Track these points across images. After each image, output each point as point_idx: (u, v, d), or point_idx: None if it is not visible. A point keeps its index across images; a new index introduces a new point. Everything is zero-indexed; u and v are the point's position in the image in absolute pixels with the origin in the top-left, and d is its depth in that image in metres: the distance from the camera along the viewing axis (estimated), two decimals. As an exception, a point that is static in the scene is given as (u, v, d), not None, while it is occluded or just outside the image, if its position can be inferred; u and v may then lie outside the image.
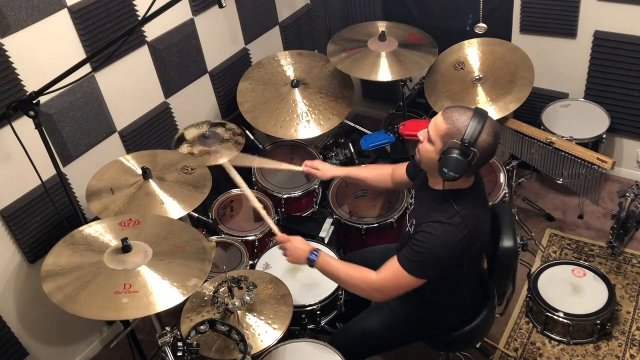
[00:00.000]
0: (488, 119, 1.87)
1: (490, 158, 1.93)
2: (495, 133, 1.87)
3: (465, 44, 3.14)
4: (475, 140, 1.84)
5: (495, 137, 1.88)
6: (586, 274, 2.88)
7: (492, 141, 1.87)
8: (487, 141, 1.85)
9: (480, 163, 1.90)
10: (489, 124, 1.86)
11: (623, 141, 3.49)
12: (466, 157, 1.84)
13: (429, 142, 1.94)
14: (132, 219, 2.06)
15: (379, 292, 1.99)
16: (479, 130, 1.84)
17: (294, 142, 3.21)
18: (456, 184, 1.93)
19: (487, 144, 1.86)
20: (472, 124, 1.84)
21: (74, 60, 2.17)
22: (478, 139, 1.84)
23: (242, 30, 3.38)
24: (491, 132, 1.86)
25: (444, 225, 1.88)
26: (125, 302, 1.73)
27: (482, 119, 1.86)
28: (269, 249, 2.70)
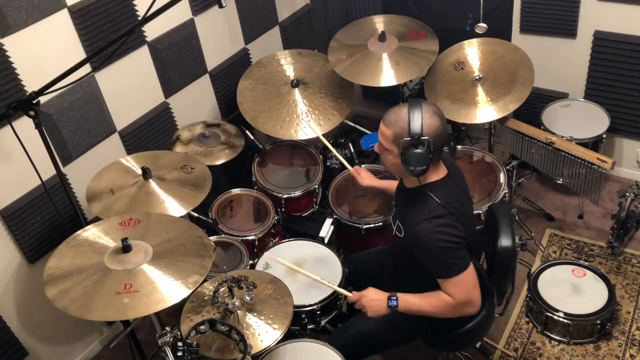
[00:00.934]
0: (423, 105, 1.92)
1: (446, 138, 1.96)
2: (436, 114, 1.93)
3: (465, 44, 3.14)
4: (422, 129, 1.88)
5: (439, 117, 1.92)
6: (586, 274, 2.88)
7: (437, 122, 1.91)
8: (433, 125, 1.90)
9: (439, 147, 1.94)
10: (426, 109, 1.91)
11: (623, 141, 3.49)
12: (423, 148, 1.89)
13: (385, 152, 1.99)
14: (133, 219, 2.07)
15: (467, 304, 1.99)
16: (420, 119, 1.89)
17: (294, 142, 3.21)
18: (429, 177, 1.99)
19: (434, 127, 1.90)
20: (411, 116, 1.90)
21: (74, 60, 2.17)
22: (423, 127, 1.88)
23: (242, 30, 3.38)
24: (432, 114, 1.91)
25: (431, 222, 1.92)
26: (126, 303, 1.73)
27: (418, 107, 1.91)
28: (269, 249, 2.70)
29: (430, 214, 1.92)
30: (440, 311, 2.04)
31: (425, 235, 1.91)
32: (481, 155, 3.04)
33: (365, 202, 3.00)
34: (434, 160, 1.94)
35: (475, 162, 3.05)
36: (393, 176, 2.70)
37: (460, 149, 3.09)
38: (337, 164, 3.33)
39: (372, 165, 3.13)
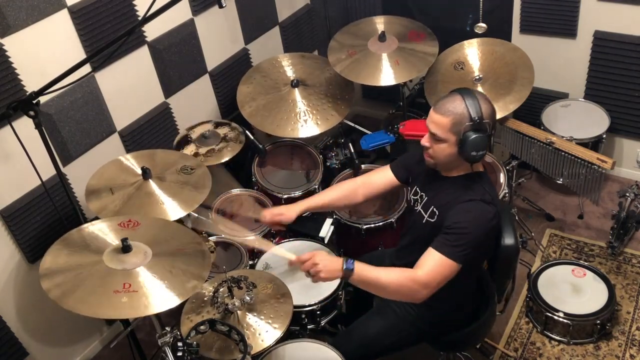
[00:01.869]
0: (475, 92, 1.96)
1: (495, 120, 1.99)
2: (485, 98, 1.96)
3: (465, 44, 3.14)
4: (482, 113, 1.90)
5: (489, 101, 1.97)
6: (586, 274, 2.88)
7: (490, 105, 1.95)
8: (489, 108, 1.94)
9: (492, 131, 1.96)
10: (479, 94, 1.96)
11: (623, 141, 3.49)
12: (485, 132, 1.91)
13: (439, 142, 1.96)
14: (132, 220, 2.06)
15: (426, 287, 1.89)
16: (477, 103, 1.91)
17: (293, 142, 3.21)
18: (475, 166, 2.00)
19: (490, 109, 1.95)
20: (469, 102, 1.91)
21: (74, 60, 2.17)
22: (482, 111, 1.90)
23: (242, 30, 3.38)
24: (484, 99, 1.95)
25: (479, 202, 1.92)
26: (125, 302, 1.73)
27: (471, 94, 1.94)
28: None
29: (482, 197, 1.93)
30: (398, 283, 1.91)
31: (474, 213, 1.90)
32: (481, 155, 3.04)
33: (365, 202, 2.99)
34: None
35: (475, 162, 3.04)
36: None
37: (460, 149, 3.09)
38: (337, 164, 3.34)
39: (372, 166, 3.13)
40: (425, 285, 1.89)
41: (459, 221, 1.90)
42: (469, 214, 1.90)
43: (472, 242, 1.89)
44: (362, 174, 3.05)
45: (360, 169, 3.07)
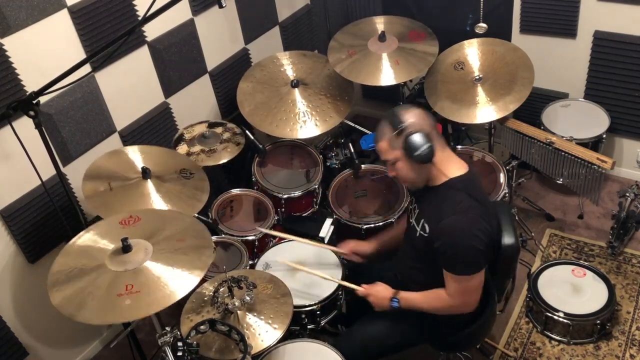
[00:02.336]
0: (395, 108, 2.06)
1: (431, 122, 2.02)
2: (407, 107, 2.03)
3: (465, 44, 3.14)
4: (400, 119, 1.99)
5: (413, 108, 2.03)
6: (586, 274, 2.88)
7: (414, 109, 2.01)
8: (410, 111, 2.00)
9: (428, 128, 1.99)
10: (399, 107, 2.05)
11: (623, 141, 3.49)
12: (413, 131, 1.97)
13: (396, 164, 2.05)
14: (133, 216, 2.06)
15: (464, 305, 2.04)
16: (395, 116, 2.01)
17: (293, 142, 3.21)
18: (450, 171, 2.01)
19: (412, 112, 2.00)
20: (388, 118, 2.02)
21: (74, 60, 2.17)
22: (400, 117, 1.99)
23: (242, 30, 3.38)
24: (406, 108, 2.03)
25: (457, 217, 1.93)
26: (128, 304, 1.73)
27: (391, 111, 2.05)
28: (269, 249, 2.70)
29: (457, 208, 1.94)
30: (437, 309, 2.10)
31: (455, 231, 1.93)
32: (481, 155, 3.04)
33: (365, 202, 3.00)
34: (435, 142, 1.98)
35: (475, 162, 3.05)
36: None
37: (460, 149, 3.09)
38: (337, 164, 3.34)
39: (372, 166, 3.13)
40: (463, 304, 2.04)
41: (445, 243, 1.96)
42: (452, 233, 1.94)
43: (476, 253, 1.93)
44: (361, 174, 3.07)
45: (360, 169, 3.07)
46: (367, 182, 3.09)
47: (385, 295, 2.17)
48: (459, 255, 1.95)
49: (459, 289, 2.00)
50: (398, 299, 2.15)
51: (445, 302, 2.05)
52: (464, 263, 1.96)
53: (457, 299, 2.02)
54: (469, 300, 2.03)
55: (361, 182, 3.09)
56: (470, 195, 1.96)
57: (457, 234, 1.93)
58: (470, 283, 1.98)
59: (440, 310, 2.10)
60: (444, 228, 1.95)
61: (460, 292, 2.01)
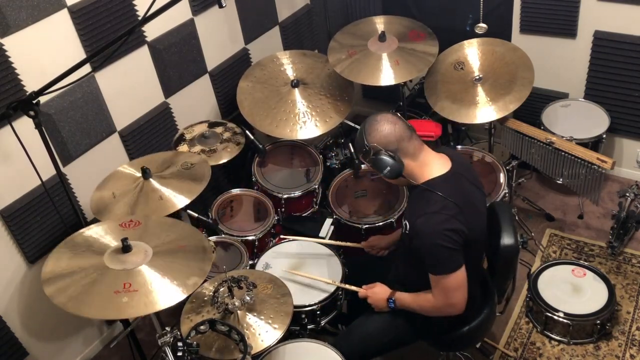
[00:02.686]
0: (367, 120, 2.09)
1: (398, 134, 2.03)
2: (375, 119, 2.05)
3: (465, 44, 3.13)
4: (365, 140, 2.05)
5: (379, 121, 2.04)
6: (586, 274, 2.88)
7: (378, 126, 2.04)
8: (374, 130, 2.04)
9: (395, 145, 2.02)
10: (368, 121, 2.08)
11: (623, 141, 3.49)
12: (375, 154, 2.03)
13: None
14: (133, 220, 2.07)
15: (448, 306, 2.04)
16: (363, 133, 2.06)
17: (293, 143, 3.21)
18: (426, 173, 2.03)
19: (377, 131, 2.03)
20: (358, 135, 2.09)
21: (74, 60, 2.17)
22: (367, 138, 2.04)
23: (242, 30, 3.38)
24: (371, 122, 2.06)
25: (426, 215, 1.95)
26: (125, 302, 1.73)
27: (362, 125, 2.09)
28: (268, 249, 2.70)
29: (429, 209, 1.95)
30: (426, 310, 2.12)
31: (424, 231, 1.95)
32: (481, 155, 3.04)
33: (365, 202, 3.00)
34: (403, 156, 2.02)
35: (475, 162, 3.05)
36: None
37: (460, 149, 3.09)
38: (337, 164, 3.34)
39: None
40: (445, 305, 2.04)
41: (418, 242, 1.99)
42: (421, 234, 1.97)
43: (443, 254, 1.94)
44: (361, 174, 3.08)
45: (360, 169, 3.07)
46: (367, 182, 3.09)
47: (382, 297, 2.21)
48: (430, 254, 1.97)
49: (439, 289, 2.01)
50: (394, 299, 2.18)
51: (430, 303, 2.07)
52: (437, 263, 1.97)
53: (439, 299, 2.03)
54: (452, 300, 2.02)
55: (361, 182, 3.09)
56: (446, 195, 1.96)
57: (427, 233, 1.94)
58: (448, 282, 1.98)
59: (429, 312, 2.12)
60: (415, 227, 1.99)
61: (440, 291, 2.01)
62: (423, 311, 2.13)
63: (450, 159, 2.09)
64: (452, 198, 1.95)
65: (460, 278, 1.98)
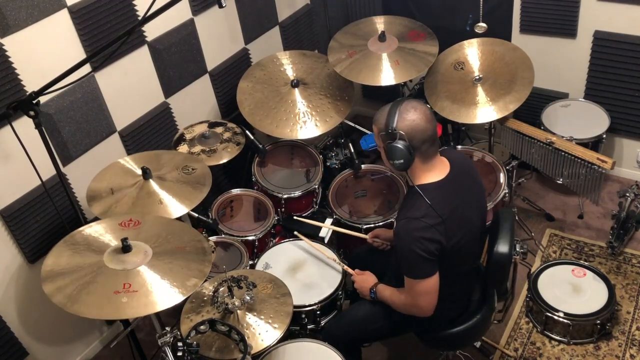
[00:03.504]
0: (405, 102, 1.98)
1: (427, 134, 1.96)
2: (416, 109, 1.95)
3: (465, 44, 3.13)
4: (395, 123, 1.94)
5: (418, 113, 1.95)
6: (586, 274, 2.88)
7: (415, 117, 1.94)
8: (408, 119, 1.94)
9: (418, 142, 1.95)
10: (406, 105, 1.97)
11: (623, 141, 3.49)
12: (398, 141, 1.94)
13: (380, 150, 2.06)
14: (133, 220, 2.06)
15: (414, 307, 2.06)
16: (396, 114, 1.95)
17: (293, 142, 3.21)
18: (422, 177, 2.01)
19: (410, 121, 1.94)
20: (391, 111, 1.97)
21: (74, 60, 2.17)
22: (397, 121, 1.94)
23: (242, 30, 3.38)
24: (410, 110, 1.95)
25: (407, 220, 1.95)
26: (125, 302, 1.73)
27: (398, 103, 1.98)
28: (268, 249, 2.71)
29: (411, 214, 1.95)
30: (397, 307, 2.15)
31: (402, 233, 1.96)
32: (481, 155, 3.05)
33: (365, 202, 3.00)
34: (418, 156, 1.97)
35: (475, 162, 3.05)
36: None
37: (460, 149, 3.09)
38: (337, 164, 3.34)
39: (372, 166, 3.13)
40: (414, 305, 2.06)
41: (397, 244, 2.00)
42: (399, 236, 1.98)
43: (416, 260, 1.94)
44: (361, 174, 3.08)
45: (360, 169, 3.07)
46: (367, 182, 3.09)
47: (367, 285, 2.27)
48: (404, 257, 1.98)
49: (409, 290, 2.03)
50: (375, 290, 2.23)
51: (401, 301, 2.10)
52: (409, 266, 1.99)
53: (407, 300, 2.06)
54: (419, 303, 2.03)
55: (361, 182, 3.09)
56: (432, 203, 1.93)
57: (404, 237, 1.95)
58: (418, 287, 1.99)
59: (399, 308, 2.13)
60: (395, 229, 2.01)
61: (409, 293, 2.04)
62: (394, 305, 2.15)
63: (450, 163, 2.06)
64: (438, 207, 1.93)
65: (429, 285, 1.98)
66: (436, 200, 1.94)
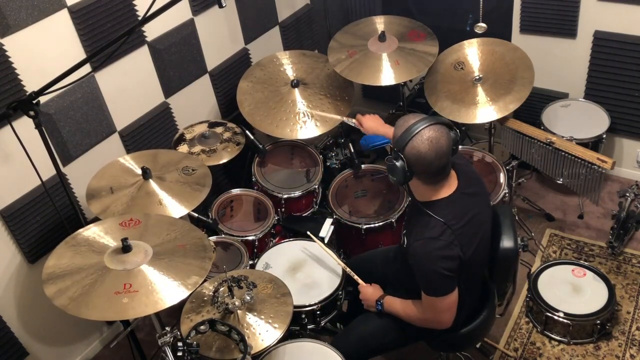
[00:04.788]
0: (425, 127, 1.85)
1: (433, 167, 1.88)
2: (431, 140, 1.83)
3: (465, 44, 3.13)
4: (403, 147, 1.86)
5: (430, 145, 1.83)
6: (586, 274, 2.88)
7: (424, 148, 1.84)
8: (416, 148, 1.84)
9: (421, 171, 1.89)
10: (426, 130, 1.84)
11: (623, 141, 3.49)
12: (399, 162, 1.88)
13: None
14: (133, 219, 2.06)
15: (435, 322, 2.06)
16: (407, 137, 1.85)
17: (293, 142, 3.21)
18: (429, 195, 1.96)
19: (417, 151, 1.84)
20: (406, 130, 1.86)
21: (74, 60, 2.17)
22: (407, 146, 1.85)
23: (242, 30, 3.38)
24: (424, 139, 1.83)
25: (425, 241, 1.92)
26: (126, 302, 1.73)
27: (419, 124, 1.85)
28: (269, 249, 2.70)
29: (428, 234, 1.92)
30: (412, 320, 2.13)
31: (421, 254, 1.94)
32: (481, 155, 3.05)
33: (365, 202, 3.00)
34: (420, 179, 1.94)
35: (475, 162, 3.05)
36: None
37: (461, 149, 3.09)
38: (337, 164, 3.34)
39: (372, 166, 3.13)
40: (435, 321, 2.05)
41: (413, 264, 1.97)
42: (418, 258, 1.95)
43: (437, 278, 1.93)
44: (361, 174, 3.08)
45: (360, 169, 3.07)
46: (367, 182, 3.09)
47: (373, 297, 2.24)
48: (424, 277, 1.97)
49: (430, 307, 2.02)
50: (382, 302, 2.21)
51: (418, 315, 2.09)
52: (430, 286, 1.97)
53: (429, 315, 2.05)
54: (441, 319, 2.03)
55: (361, 182, 3.09)
56: (446, 220, 1.91)
57: (423, 258, 1.93)
58: (440, 304, 1.99)
59: (415, 322, 2.13)
60: (411, 250, 1.96)
61: (431, 309, 2.03)
62: (408, 319, 2.14)
63: (457, 173, 2.01)
64: (452, 222, 1.91)
65: (450, 301, 1.98)
66: (451, 216, 1.92)
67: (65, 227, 2.37)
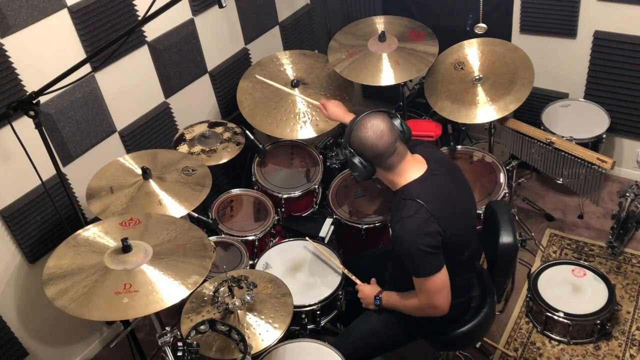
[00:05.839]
0: (361, 118, 2.03)
1: (379, 150, 2.00)
2: (365, 125, 2.00)
3: (465, 44, 3.13)
4: (349, 141, 2.06)
5: (369, 129, 2.00)
6: (586, 274, 2.88)
7: (364, 135, 2.00)
8: (357, 137, 2.03)
9: (371, 158, 2.03)
10: (360, 121, 2.03)
11: (623, 141, 3.49)
12: (352, 156, 2.06)
13: None
14: (133, 219, 2.06)
15: (430, 307, 2.06)
16: (350, 130, 2.05)
17: (293, 142, 3.21)
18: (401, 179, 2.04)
19: (359, 139, 2.02)
20: (348, 126, 2.08)
21: (74, 60, 2.17)
22: (350, 138, 2.05)
23: (242, 30, 3.38)
24: (360, 127, 2.02)
25: (402, 221, 1.96)
26: (126, 302, 1.73)
27: (354, 121, 2.05)
28: (269, 248, 2.70)
29: (405, 214, 1.96)
30: (410, 311, 2.14)
31: (401, 235, 1.97)
32: (481, 155, 3.05)
33: (365, 202, 3.00)
34: (378, 166, 2.04)
35: (475, 162, 3.05)
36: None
37: (460, 149, 3.09)
38: (337, 164, 3.34)
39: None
40: (428, 306, 2.05)
41: (399, 249, 2.00)
42: (398, 239, 1.99)
43: (421, 257, 1.95)
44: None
45: (360, 169, 3.07)
46: (367, 182, 3.08)
47: (370, 293, 2.26)
48: (409, 258, 1.99)
49: (422, 290, 2.03)
50: (380, 297, 2.23)
51: (414, 303, 2.09)
52: (416, 266, 1.99)
53: (422, 300, 2.05)
54: (434, 302, 2.03)
55: (361, 182, 3.09)
56: (420, 198, 1.96)
57: (403, 239, 1.96)
58: (430, 285, 1.99)
59: (413, 312, 2.13)
60: (393, 234, 2.01)
61: (423, 293, 2.03)
62: (407, 311, 2.15)
63: (426, 160, 2.08)
64: (426, 200, 1.95)
65: (441, 280, 1.99)
66: (423, 194, 1.97)
67: (65, 227, 2.37)
